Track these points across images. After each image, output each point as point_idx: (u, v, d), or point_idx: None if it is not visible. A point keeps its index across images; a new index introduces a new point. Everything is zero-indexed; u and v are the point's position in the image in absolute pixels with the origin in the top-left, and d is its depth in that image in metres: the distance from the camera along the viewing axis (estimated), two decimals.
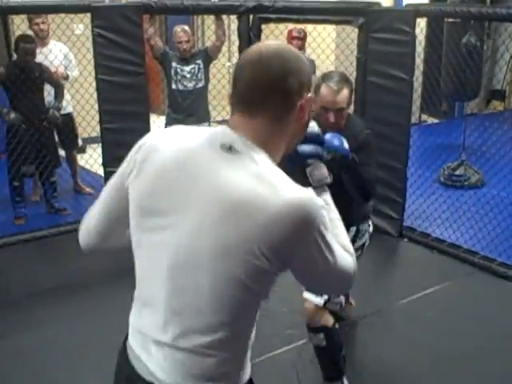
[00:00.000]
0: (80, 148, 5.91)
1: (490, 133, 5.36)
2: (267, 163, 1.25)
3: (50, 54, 5.06)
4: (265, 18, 4.84)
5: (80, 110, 5.33)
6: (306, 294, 2.76)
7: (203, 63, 5.01)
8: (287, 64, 1.27)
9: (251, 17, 4.78)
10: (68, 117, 5.40)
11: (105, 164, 4.85)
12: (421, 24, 5.03)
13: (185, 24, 5.23)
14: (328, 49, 5.69)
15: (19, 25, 5.37)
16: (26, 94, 4.77)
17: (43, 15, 5.11)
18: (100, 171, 5.13)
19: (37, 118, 4.84)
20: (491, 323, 3.58)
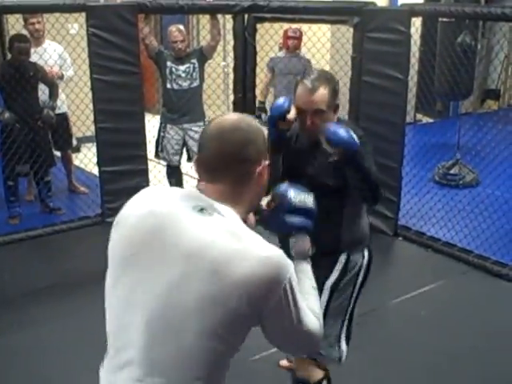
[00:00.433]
0: (75, 147, 5.90)
1: (485, 132, 5.38)
2: (237, 221, 1.38)
3: (45, 54, 5.05)
4: (260, 18, 4.85)
5: (75, 110, 5.33)
6: None
7: (198, 62, 5.00)
8: (246, 135, 1.43)
9: (246, 16, 4.78)
10: (62, 116, 5.38)
11: (99, 163, 4.85)
12: (416, 23, 5.04)
13: (180, 23, 5.22)
14: (323, 48, 5.70)
15: (14, 24, 5.35)
16: (21, 94, 4.76)
17: (38, 15, 5.10)
18: (95, 170, 5.13)
19: (31, 118, 4.83)
20: (485, 321, 3.59)
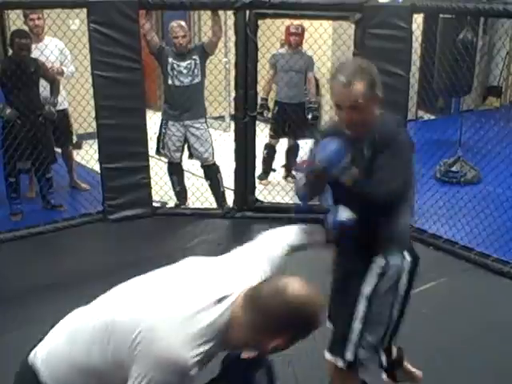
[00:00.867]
0: (76, 144, 5.90)
1: (487, 129, 5.36)
2: None
3: (46, 50, 5.04)
4: (261, 14, 4.83)
5: (76, 106, 5.32)
6: (327, 353, 2.35)
7: (200, 59, 4.99)
8: None
9: (248, 12, 4.77)
10: (63, 112, 5.38)
11: (101, 160, 4.84)
12: (417, 20, 5.03)
13: (181, 19, 5.21)
14: (324, 44, 5.68)
15: (15, 20, 5.35)
16: (22, 90, 4.75)
17: (39, 11, 5.09)
18: (96, 167, 5.12)
19: (32, 114, 4.82)
20: (487, 319, 3.58)
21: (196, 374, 1.50)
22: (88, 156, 5.28)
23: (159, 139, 5.17)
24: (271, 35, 5.30)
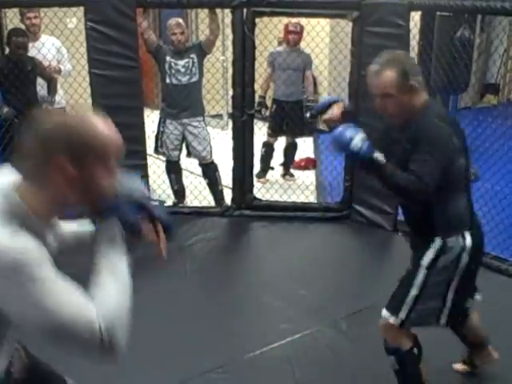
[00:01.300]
0: None
1: (484, 126, 5.36)
2: None
3: (43, 48, 5.03)
4: (259, 12, 4.82)
5: (74, 104, 5.31)
6: (383, 310, 2.53)
7: (197, 57, 4.99)
8: None
9: (245, 10, 4.76)
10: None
11: None
12: (415, 17, 5.02)
13: (179, 18, 5.20)
14: (322, 42, 5.68)
15: (12, 18, 5.34)
16: (19, 89, 4.75)
17: (35, 9, 5.08)
18: None
19: (30, 112, 4.81)
20: (485, 317, 3.58)
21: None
22: None
23: (157, 137, 5.17)
24: (268, 33, 5.30)
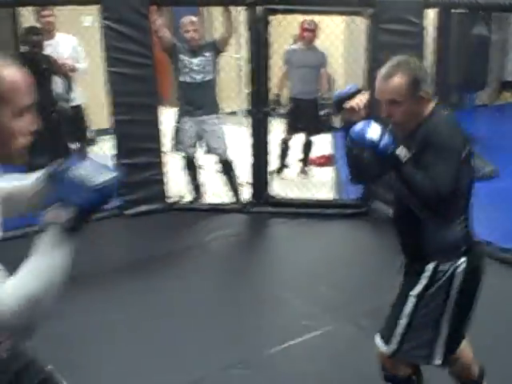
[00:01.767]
0: (90, 140, 5.92)
1: (502, 124, 5.32)
2: None
3: (59, 46, 5.06)
4: (272, 10, 4.81)
5: (90, 102, 5.34)
6: (377, 337, 2.39)
7: (211, 55, 4.99)
8: None
9: (259, 8, 4.76)
10: (78, 108, 5.40)
11: (116, 155, 4.86)
12: (430, 15, 4.99)
13: (192, 15, 5.21)
14: (337, 40, 5.66)
15: (28, 17, 5.37)
16: (34, 86, 4.77)
17: (50, 7, 5.11)
18: (110, 163, 5.12)
19: (45, 110, 4.84)
20: (508, 314, 3.55)
21: None
22: (102, 152, 5.30)
23: (174, 135, 5.18)
24: (283, 31, 5.29)
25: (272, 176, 5.39)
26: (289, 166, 6.26)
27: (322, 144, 6.14)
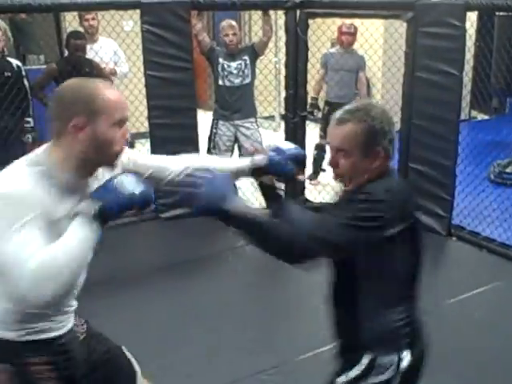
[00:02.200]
0: (129, 143, 6.00)
1: None
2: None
3: (100, 50, 5.15)
4: (312, 13, 4.82)
5: (129, 106, 5.41)
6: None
7: (250, 59, 5.02)
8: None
9: (298, 12, 4.76)
10: None
11: None
12: (471, 17, 4.93)
13: (232, 19, 5.24)
14: (375, 44, 5.63)
15: (71, 21, 5.48)
16: None
17: (93, 12, 5.20)
18: None
19: None
20: None
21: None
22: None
23: (210, 139, 5.22)
24: (322, 34, 5.28)
25: (308, 180, 5.36)
26: (325, 170, 6.24)
27: None
